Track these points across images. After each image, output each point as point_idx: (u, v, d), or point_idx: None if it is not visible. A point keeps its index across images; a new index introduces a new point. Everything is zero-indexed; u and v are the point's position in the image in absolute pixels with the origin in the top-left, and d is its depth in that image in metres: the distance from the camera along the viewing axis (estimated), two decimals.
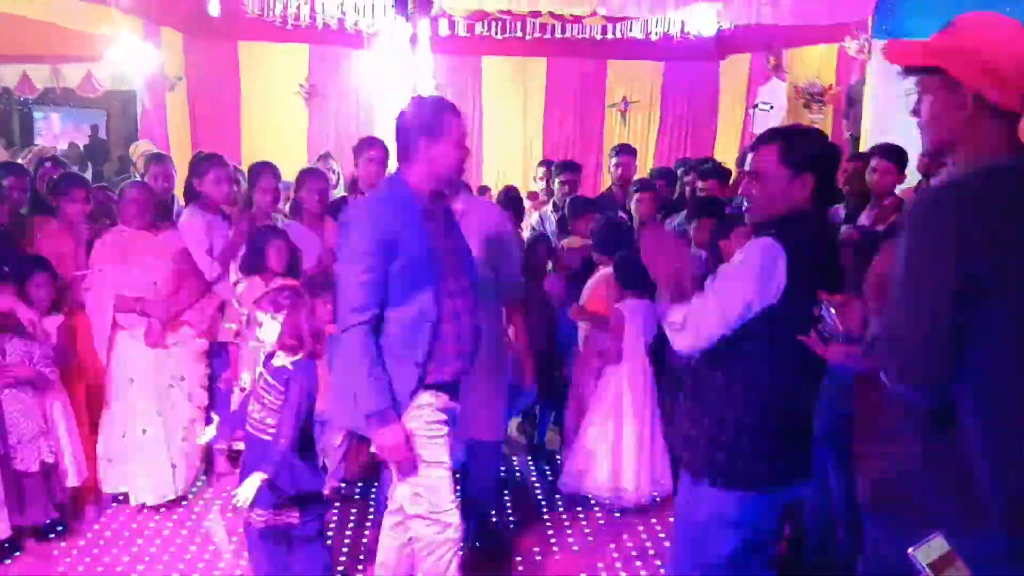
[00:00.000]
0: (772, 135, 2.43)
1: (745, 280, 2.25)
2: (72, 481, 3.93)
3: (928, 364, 1.60)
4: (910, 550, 1.26)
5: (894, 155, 4.45)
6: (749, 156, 2.45)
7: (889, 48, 1.83)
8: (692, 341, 2.31)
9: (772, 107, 8.89)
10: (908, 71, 1.80)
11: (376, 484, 4.47)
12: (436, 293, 2.74)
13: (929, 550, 1.25)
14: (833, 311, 2.09)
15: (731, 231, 3.93)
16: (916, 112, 1.80)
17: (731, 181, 5.77)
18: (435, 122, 2.76)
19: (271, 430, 2.98)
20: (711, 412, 2.39)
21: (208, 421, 4.52)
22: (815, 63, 9.18)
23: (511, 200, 5.71)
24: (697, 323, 2.28)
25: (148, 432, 4.13)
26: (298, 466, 2.98)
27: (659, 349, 4.19)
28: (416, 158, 2.76)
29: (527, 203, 6.71)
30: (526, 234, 5.51)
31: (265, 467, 2.90)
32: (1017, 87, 1.64)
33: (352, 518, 4.23)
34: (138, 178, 5.36)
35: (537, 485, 4.68)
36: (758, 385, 2.32)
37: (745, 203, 2.47)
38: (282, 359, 3.02)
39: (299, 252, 4.28)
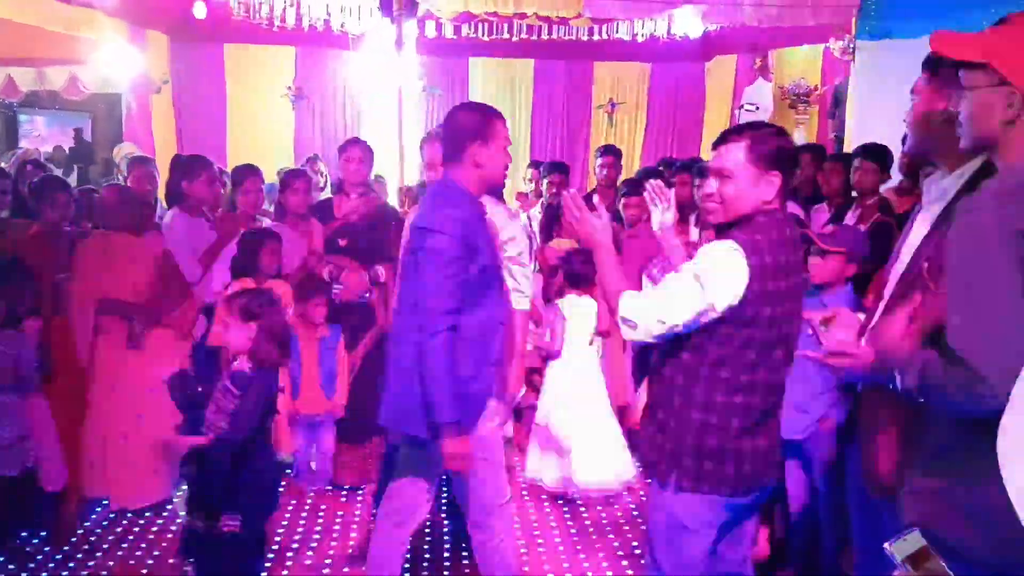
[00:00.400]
0: (737, 131, 2.38)
1: (705, 283, 2.21)
2: (54, 486, 3.91)
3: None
4: (886, 545, 1.26)
5: (878, 155, 4.48)
6: (712, 153, 2.41)
7: (936, 39, 1.75)
8: (639, 335, 2.30)
9: (758, 108, 8.92)
10: (952, 65, 1.75)
11: (361, 489, 4.47)
12: (501, 295, 2.88)
13: (905, 545, 1.25)
14: (823, 329, 2.07)
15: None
16: (956, 107, 1.75)
17: None
18: (484, 126, 2.83)
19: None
20: (675, 415, 2.37)
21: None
22: (800, 64, 9.22)
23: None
24: (645, 318, 2.27)
25: (129, 436, 4.10)
26: (232, 475, 2.86)
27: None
28: (464, 161, 2.83)
29: (515, 204, 6.72)
30: None
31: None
32: None
33: (338, 521, 4.21)
34: (121, 181, 5.33)
35: (523, 484, 4.66)
36: (721, 387, 2.30)
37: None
38: (243, 363, 2.94)
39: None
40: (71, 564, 3.75)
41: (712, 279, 2.21)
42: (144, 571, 3.72)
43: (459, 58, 10.20)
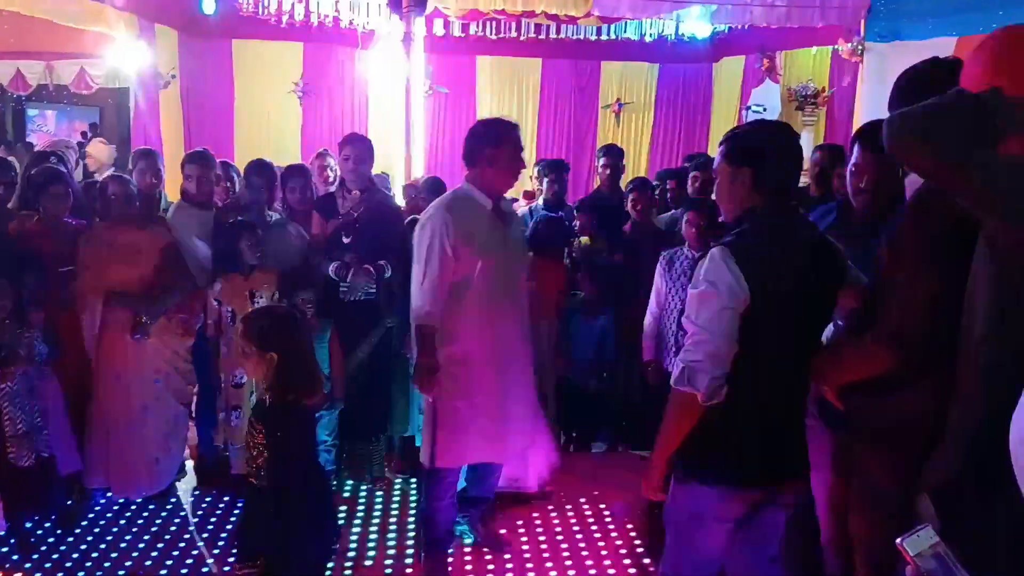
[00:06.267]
0: (726, 135, 2.43)
1: (711, 298, 2.21)
2: (70, 467, 3.95)
3: None
4: (898, 540, 1.25)
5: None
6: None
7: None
8: (710, 372, 2.24)
9: (765, 109, 8.91)
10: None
11: (365, 486, 4.47)
12: None
13: (918, 540, 1.24)
14: None
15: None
16: None
17: None
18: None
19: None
20: None
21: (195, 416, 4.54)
22: (808, 65, 9.21)
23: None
24: (705, 358, 2.23)
25: (133, 427, 4.12)
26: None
27: None
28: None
29: (522, 201, 6.73)
30: None
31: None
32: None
33: (341, 518, 4.21)
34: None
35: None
36: (733, 385, 2.27)
37: None
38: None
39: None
40: (75, 554, 3.76)
41: (714, 293, 2.21)
42: (149, 563, 3.72)
43: (466, 56, 10.20)
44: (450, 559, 3.69)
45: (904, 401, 2.11)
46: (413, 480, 4.52)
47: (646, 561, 3.78)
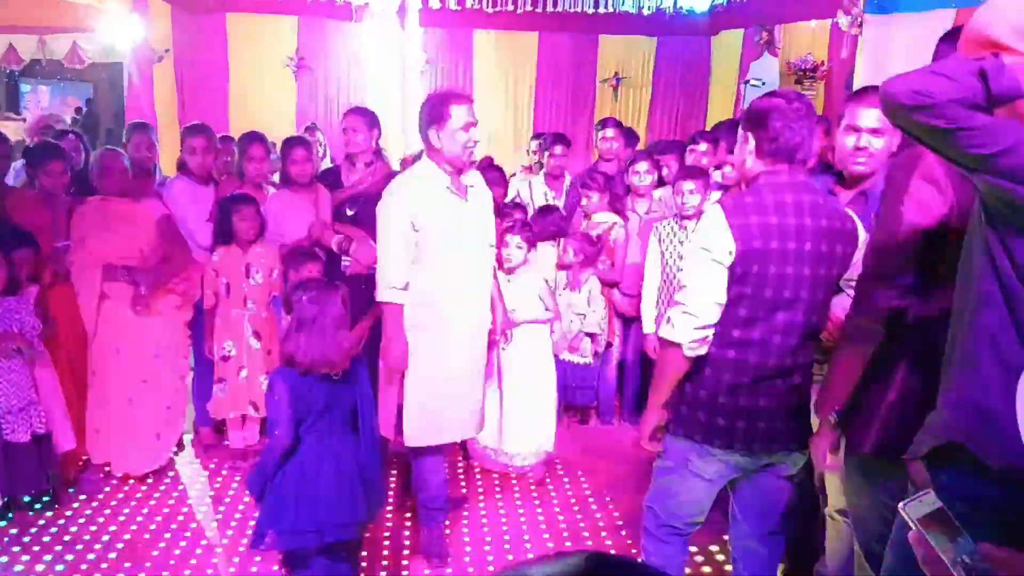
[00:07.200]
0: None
1: (699, 251, 2.31)
2: (67, 445, 3.95)
3: None
4: (900, 505, 1.24)
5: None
6: None
7: None
8: (692, 323, 2.31)
9: (764, 83, 8.83)
10: None
11: None
12: None
13: (921, 506, 1.24)
14: None
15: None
16: None
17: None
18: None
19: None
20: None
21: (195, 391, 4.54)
22: (807, 39, 9.13)
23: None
24: (688, 308, 2.31)
25: (133, 401, 4.12)
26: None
27: None
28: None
29: (521, 174, 6.69)
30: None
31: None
32: None
33: None
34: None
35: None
36: (713, 340, 2.34)
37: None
38: None
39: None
40: (73, 528, 3.77)
41: (706, 241, 2.30)
42: (147, 536, 3.73)
43: (463, 30, 10.10)
44: (447, 530, 3.70)
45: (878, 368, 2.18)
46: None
47: (623, 533, 3.78)
